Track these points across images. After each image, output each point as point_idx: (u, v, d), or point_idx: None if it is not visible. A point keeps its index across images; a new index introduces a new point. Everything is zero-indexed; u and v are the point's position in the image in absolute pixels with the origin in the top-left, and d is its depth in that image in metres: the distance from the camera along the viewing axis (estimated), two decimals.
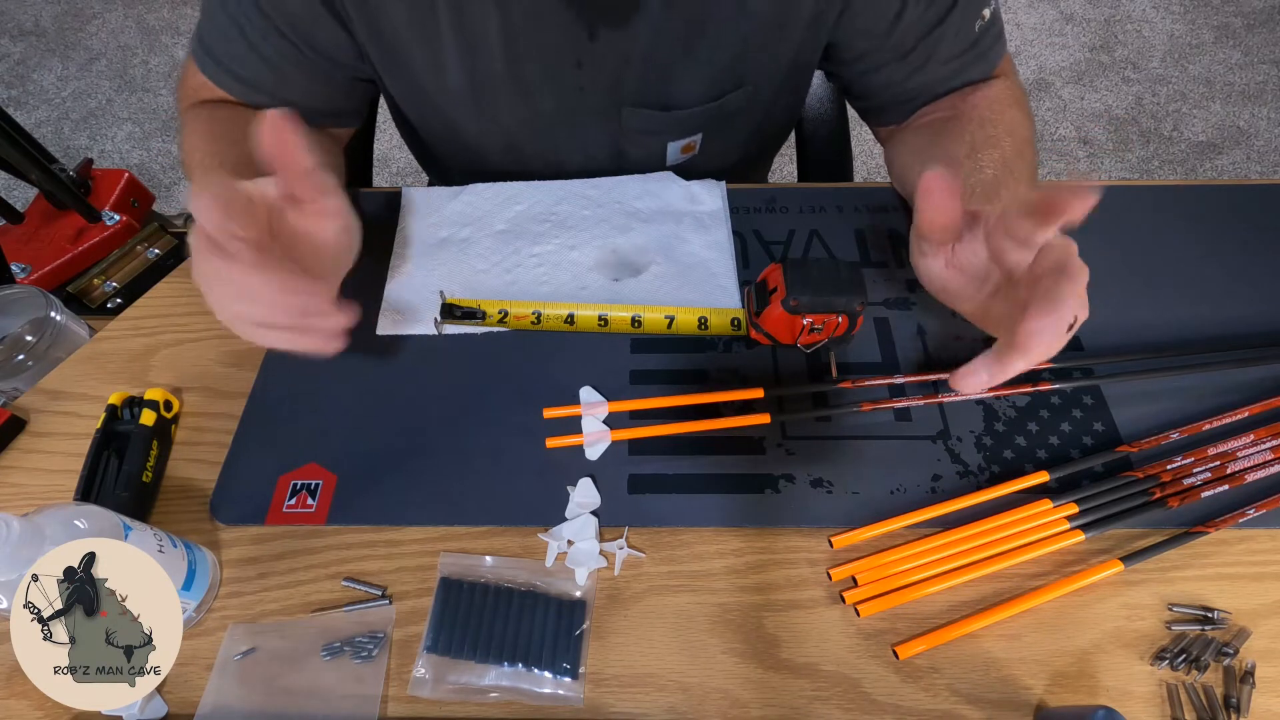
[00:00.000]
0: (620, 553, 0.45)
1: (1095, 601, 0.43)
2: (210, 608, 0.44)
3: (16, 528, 0.34)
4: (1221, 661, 0.40)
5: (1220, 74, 1.86)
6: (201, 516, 0.48)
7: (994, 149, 0.53)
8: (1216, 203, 0.62)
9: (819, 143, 0.81)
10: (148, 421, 0.49)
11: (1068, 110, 1.82)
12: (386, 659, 0.42)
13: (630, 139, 0.63)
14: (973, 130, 0.54)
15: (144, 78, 2.00)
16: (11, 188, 1.48)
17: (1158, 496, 0.46)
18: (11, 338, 0.57)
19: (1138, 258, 0.58)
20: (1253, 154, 1.71)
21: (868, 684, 0.41)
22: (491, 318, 0.54)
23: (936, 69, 0.58)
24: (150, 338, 0.57)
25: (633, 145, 0.64)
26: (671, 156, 0.65)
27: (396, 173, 1.79)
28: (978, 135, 0.54)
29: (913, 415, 0.50)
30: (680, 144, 0.64)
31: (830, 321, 0.49)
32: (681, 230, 0.60)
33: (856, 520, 0.45)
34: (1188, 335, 0.54)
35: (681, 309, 0.55)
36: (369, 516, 0.47)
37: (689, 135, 0.63)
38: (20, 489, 0.49)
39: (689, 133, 0.63)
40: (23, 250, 0.67)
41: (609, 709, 0.40)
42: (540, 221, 0.61)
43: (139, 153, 1.84)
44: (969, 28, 0.56)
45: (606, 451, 0.49)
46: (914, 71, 0.58)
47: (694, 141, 0.64)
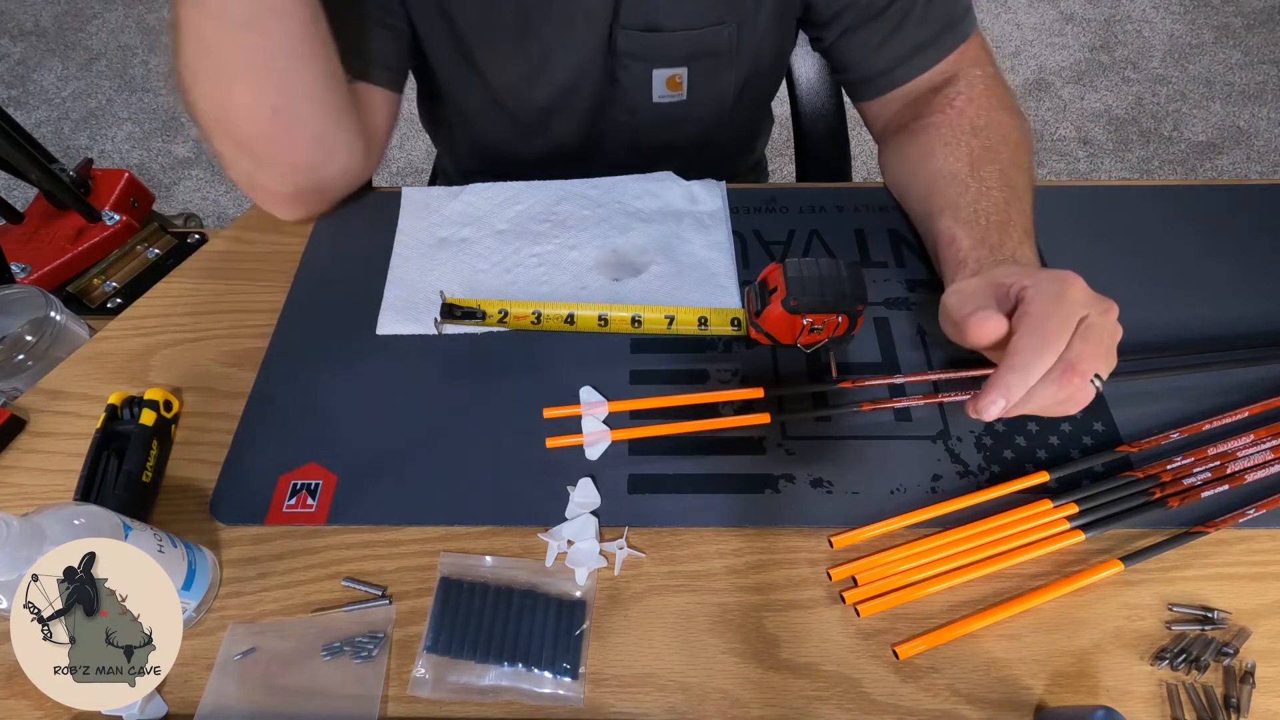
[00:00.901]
0: (620, 553, 0.45)
1: (1095, 601, 0.43)
2: (210, 608, 0.44)
3: (16, 528, 0.34)
4: (1221, 661, 0.40)
5: (1220, 74, 1.86)
6: (201, 516, 0.48)
7: (993, 162, 0.54)
8: (1216, 203, 0.62)
9: (818, 142, 0.81)
10: (148, 421, 0.49)
11: (1068, 110, 1.82)
12: (386, 659, 0.42)
13: (621, 64, 0.64)
14: (968, 140, 0.55)
15: (144, 78, 2.00)
16: (11, 188, 1.48)
17: (1158, 496, 0.46)
18: (11, 338, 0.57)
19: (1138, 258, 0.58)
20: (1253, 154, 1.71)
21: (868, 684, 0.41)
22: (491, 318, 0.54)
23: (911, 32, 0.60)
24: (150, 338, 0.57)
25: (623, 71, 0.65)
26: (658, 90, 0.66)
27: (396, 173, 1.79)
28: (974, 145, 0.55)
29: (913, 415, 0.50)
30: (665, 75, 0.65)
31: (830, 321, 0.49)
32: (681, 230, 0.60)
33: (856, 520, 0.45)
34: (1188, 335, 0.54)
35: (681, 309, 0.55)
36: (369, 516, 0.47)
37: (674, 66, 0.65)
38: (20, 489, 0.49)
39: (674, 63, 0.64)
40: (23, 250, 0.67)
41: (609, 709, 0.40)
42: (540, 221, 0.61)
43: (139, 153, 1.84)
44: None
45: (606, 451, 0.49)
46: (889, 35, 0.60)
47: (679, 76, 0.65)
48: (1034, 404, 0.40)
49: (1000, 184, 0.52)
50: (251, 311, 0.58)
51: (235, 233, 0.63)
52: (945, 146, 0.56)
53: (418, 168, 1.79)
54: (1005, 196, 0.51)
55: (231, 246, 0.62)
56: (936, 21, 0.59)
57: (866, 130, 0.69)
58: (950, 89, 0.59)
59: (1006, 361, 0.39)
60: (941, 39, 0.60)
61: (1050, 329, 0.39)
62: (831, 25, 0.63)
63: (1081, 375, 0.38)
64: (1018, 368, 0.38)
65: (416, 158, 1.81)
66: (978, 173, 0.53)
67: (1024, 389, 0.38)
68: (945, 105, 0.58)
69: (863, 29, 0.61)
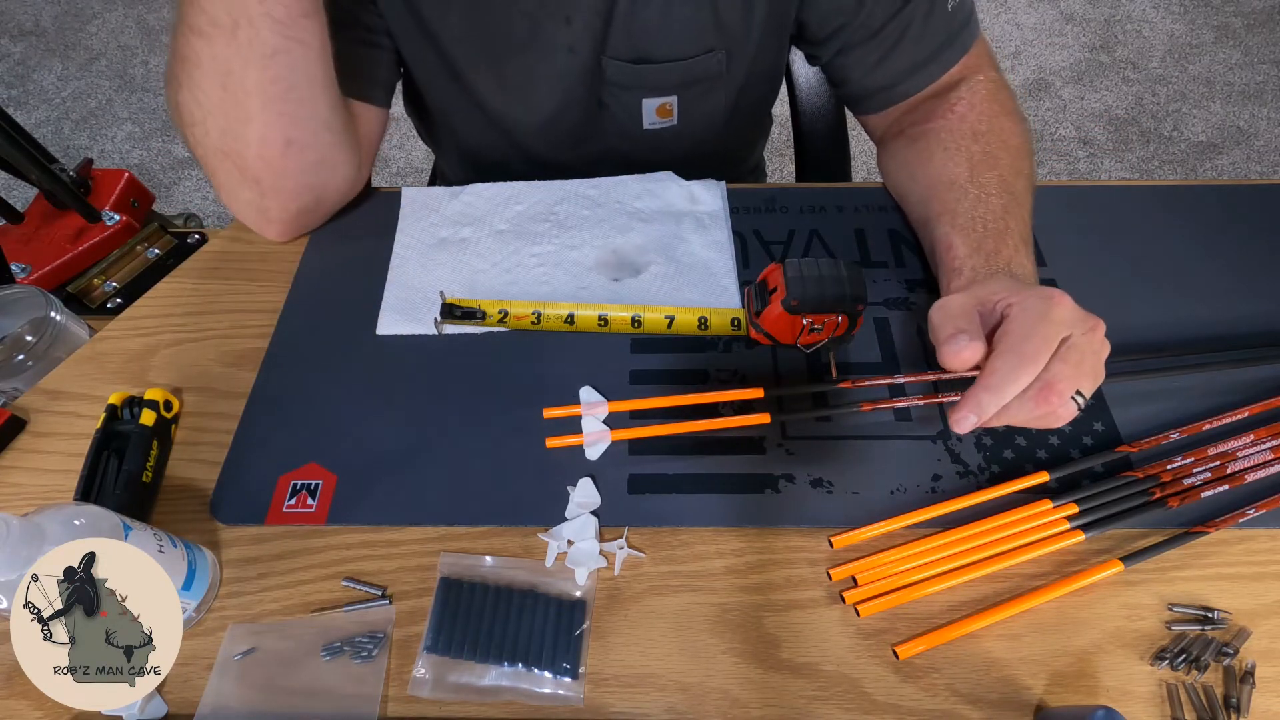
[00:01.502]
0: (620, 553, 0.45)
1: (1095, 601, 0.43)
2: (210, 608, 0.44)
3: (16, 528, 0.34)
4: (1221, 661, 0.40)
5: (1220, 74, 1.86)
6: (201, 516, 0.48)
7: (992, 168, 0.53)
8: (1216, 203, 0.62)
9: (818, 142, 0.81)
10: (148, 421, 0.49)
11: (1068, 110, 1.82)
12: (386, 659, 0.42)
13: (610, 92, 0.64)
14: (968, 145, 0.55)
15: (144, 78, 2.00)
16: (11, 188, 1.48)
17: (1158, 496, 0.46)
18: (11, 338, 0.57)
19: (1138, 258, 0.58)
20: (1253, 154, 1.71)
21: (868, 684, 0.41)
22: (491, 318, 0.54)
23: (909, 50, 0.58)
24: (150, 338, 0.57)
25: (612, 99, 0.64)
26: (648, 118, 0.66)
27: (396, 173, 1.79)
28: (974, 151, 0.54)
29: (913, 415, 0.50)
30: (655, 103, 0.64)
31: (830, 321, 0.49)
32: (681, 230, 0.60)
33: (856, 520, 0.45)
34: (1188, 335, 0.54)
35: (681, 309, 0.55)
36: (369, 516, 0.47)
37: (664, 95, 0.64)
38: (20, 489, 0.49)
39: (663, 92, 0.64)
40: (23, 250, 0.67)
41: (609, 709, 0.40)
42: (540, 221, 0.61)
43: (139, 153, 1.84)
44: (941, 5, 0.57)
45: (606, 451, 0.49)
46: (887, 53, 0.59)
47: (670, 104, 0.65)
48: (1011, 419, 0.41)
49: (999, 190, 0.52)
50: (251, 311, 0.58)
51: (235, 233, 0.63)
52: (945, 151, 0.55)
53: (418, 168, 1.79)
54: (1004, 203, 0.51)
55: (231, 246, 0.62)
56: (935, 37, 0.58)
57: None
58: (952, 94, 0.58)
59: (982, 380, 0.39)
60: (941, 55, 0.59)
61: (1028, 350, 0.39)
62: (827, 44, 0.61)
63: (1060, 394, 0.39)
64: (992, 388, 0.39)
65: (416, 158, 1.81)
66: (977, 178, 0.53)
67: (997, 407, 0.39)
68: (946, 110, 0.58)
69: (859, 48, 0.60)
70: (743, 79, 0.65)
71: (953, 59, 0.59)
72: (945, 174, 0.54)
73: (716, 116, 0.68)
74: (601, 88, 0.63)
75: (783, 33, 0.63)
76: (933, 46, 0.58)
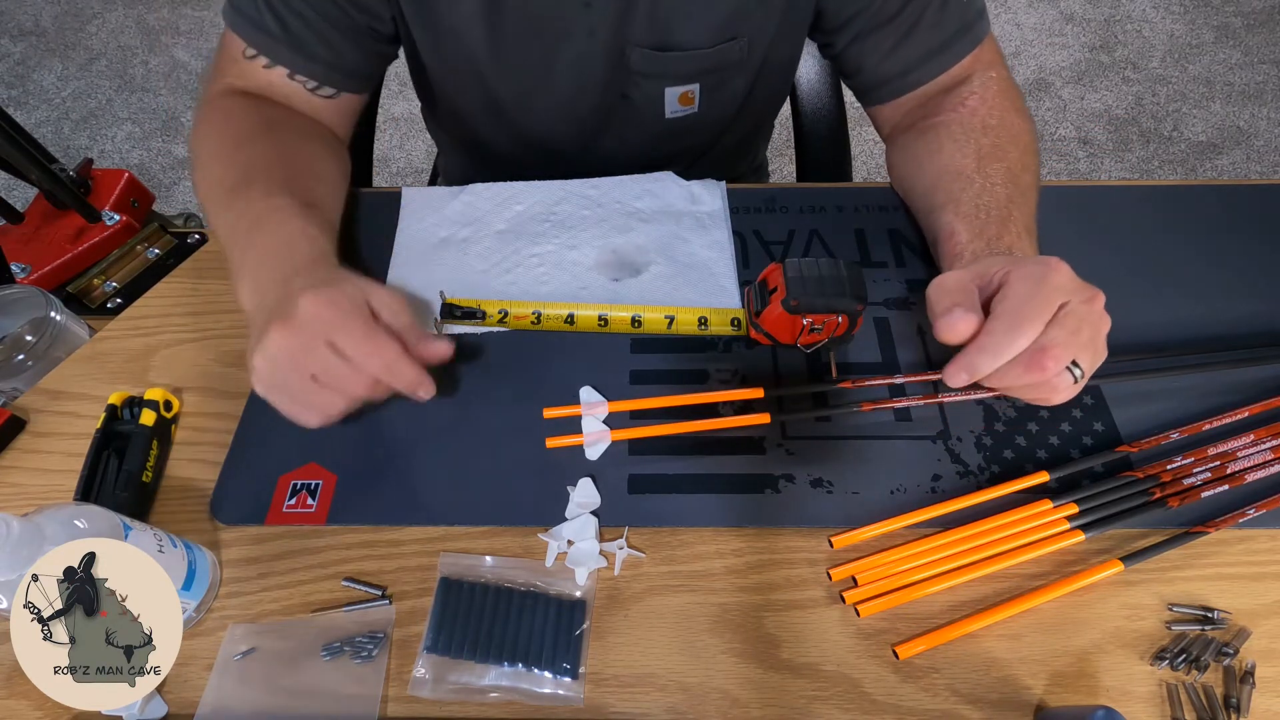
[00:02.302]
0: (620, 553, 0.45)
1: (1095, 601, 0.43)
2: (210, 608, 0.44)
3: (16, 528, 0.34)
4: (1221, 661, 0.40)
5: (1220, 74, 1.86)
6: (201, 516, 0.48)
7: (999, 160, 0.53)
8: (1216, 203, 0.62)
9: (818, 142, 0.81)
10: (148, 421, 0.49)
11: (1068, 110, 1.82)
12: (386, 659, 0.42)
13: (634, 82, 0.64)
14: (977, 138, 0.55)
15: (144, 78, 2.00)
16: (11, 188, 1.48)
17: (1158, 496, 0.46)
18: (11, 338, 0.57)
19: (1138, 258, 0.58)
20: (1253, 154, 1.71)
21: (868, 684, 0.41)
22: (491, 318, 0.54)
23: (924, 37, 0.59)
24: (150, 338, 0.57)
25: (635, 89, 0.64)
26: (670, 107, 0.66)
27: (396, 173, 1.79)
28: (983, 144, 0.54)
29: (913, 415, 0.50)
30: (678, 91, 0.65)
31: (830, 321, 0.49)
32: (681, 230, 0.60)
33: (856, 520, 0.45)
34: (1188, 335, 0.54)
35: (681, 309, 0.55)
36: (369, 516, 0.47)
37: (687, 83, 0.64)
38: (20, 489, 0.49)
39: (687, 80, 0.64)
40: (23, 250, 0.67)
41: (609, 709, 0.40)
42: (540, 221, 0.61)
43: (139, 153, 1.84)
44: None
45: (606, 451, 0.49)
46: (901, 39, 0.59)
47: (691, 92, 0.65)
48: (1005, 385, 0.40)
49: (1005, 181, 0.52)
50: None
51: None
52: (954, 142, 0.55)
53: (418, 168, 1.79)
54: (1009, 193, 0.51)
55: None
56: (950, 25, 0.58)
57: (866, 130, 0.69)
58: (963, 88, 0.59)
59: (977, 341, 0.39)
60: (955, 44, 0.59)
61: (1025, 312, 0.38)
62: (842, 31, 0.62)
63: (1055, 360, 0.38)
64: (987, 349, 0.38)
65: (416, 158, 1.81)
66: (984, 169, 0.53)
67: (991, 368, 0.39)
68: (957, 104, 0.58)
69: (874, 34, 0.60)
70: (758, 68, 0.66)
71: (965, 49, 0.59)
72: (952, 164, 0.54)
73: (732, 104, 0.68)
74: (626, 78, 0.63)
75: (801, 19, 0.63)
76: (946, 35, 0.59)
